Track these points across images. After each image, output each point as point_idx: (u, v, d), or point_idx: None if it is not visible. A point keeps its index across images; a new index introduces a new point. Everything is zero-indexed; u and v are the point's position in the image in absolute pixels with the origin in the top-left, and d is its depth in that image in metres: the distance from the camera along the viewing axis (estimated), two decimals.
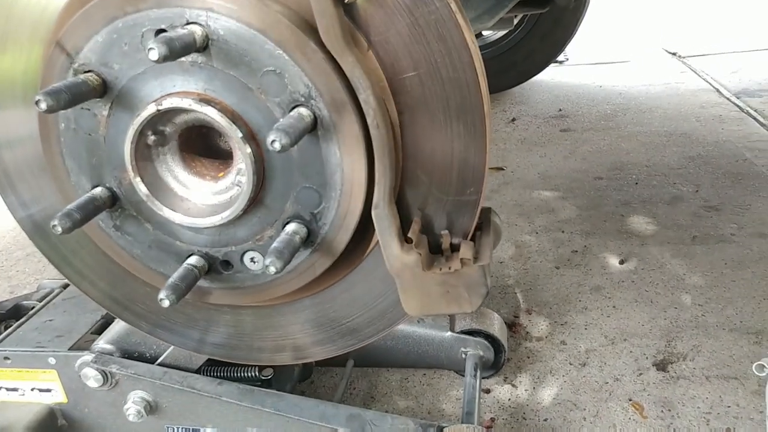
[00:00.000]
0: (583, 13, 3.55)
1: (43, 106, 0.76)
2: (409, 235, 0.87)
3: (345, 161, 0.83)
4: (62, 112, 0.85)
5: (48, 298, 1.54)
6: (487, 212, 0.98)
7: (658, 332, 1.76)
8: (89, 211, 0.88)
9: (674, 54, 4.71)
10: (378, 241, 0.88)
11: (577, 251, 2.19)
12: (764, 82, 3.83)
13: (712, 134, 3.12)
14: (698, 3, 6.68)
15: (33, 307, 1.52)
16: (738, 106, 3.49)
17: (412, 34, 0.81)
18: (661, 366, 1.64)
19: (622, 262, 2.09)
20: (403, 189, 0.89)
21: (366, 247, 0.94)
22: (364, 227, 0.89)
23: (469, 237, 0.92)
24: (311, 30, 0.79)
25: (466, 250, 0.89)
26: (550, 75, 4.15)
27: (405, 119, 0.85)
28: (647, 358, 1.67)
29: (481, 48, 3.69)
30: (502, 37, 3.65)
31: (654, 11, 6.43)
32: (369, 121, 0.81)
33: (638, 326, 1.79)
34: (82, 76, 0.83)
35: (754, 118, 3.28)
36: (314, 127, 0.82)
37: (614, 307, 1.88)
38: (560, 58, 4.30)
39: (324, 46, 0.79)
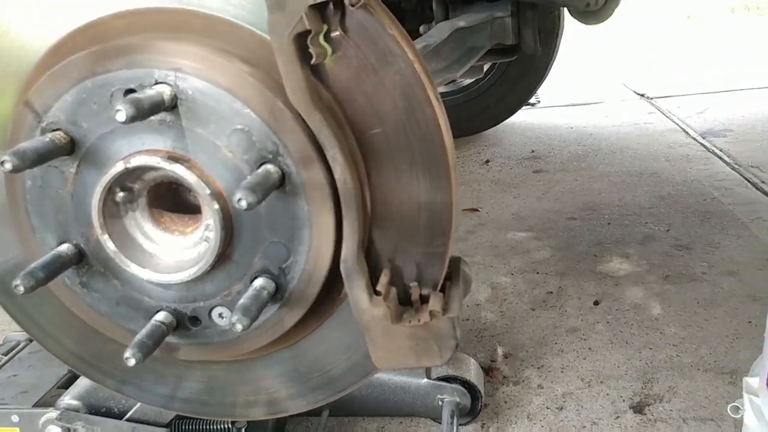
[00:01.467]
0: (553, 57, 3.68)
1: (9, 166, 0.76)
2: (378, 287, 0.87)
3: (313, 216, 0.85)
4: (29, 170, 0.85)
5: (13, 352, 1.51)
6: (456, 262, 0.99)
7: (634, 373, 1.77)
8: (54, 268, 0.88)
9: (642, 95, 4.88)
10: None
11: (552, 292, 2.21)
12: (728, 122, 3.98)
13: (681, 173, 3.21)
14: (664, 46, 6.98)
15: None
16: (704, 145, 3.61)
17: (378, 93, 0.83)
18: (638, 408, 1.64)
19: (596, 303, 2.11)
20: (372, 241, 0.90)
21: (335, 300, 0.94)
22: (333, 280, 0.89)
23: (438, 288, 0.92)
24: (279, 89, 0.81)
25: (435, 302, 0.89)
26: (522, 117, 4.26)
27: (372, 174, 0.87)
28: (624, 400, 1.67)
29: (454, 93, 3.78)
30: (475, 81, 3.75)
31: (622, 54, 6.68)
32: (336, 176, 0.83)
33: (614, 368, 1.80)
34: (49, 135, 0.83)
35: (720, 158, 3.39)
36: (282, 183, 0.83)
37: (590, 348, 1.89)
38: (532, 100, 4.42)
39: (291, 105, 0.80)
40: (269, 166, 0.82)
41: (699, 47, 6.82)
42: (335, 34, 0.79)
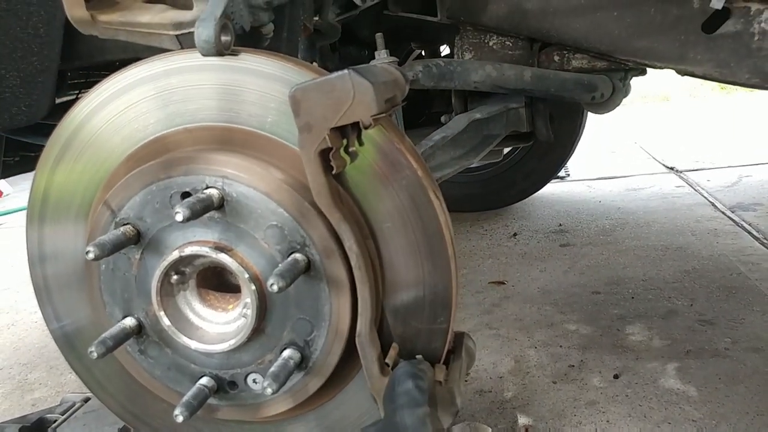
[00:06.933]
0: (579, 133, 3.84)
1: (92, 256, 0.96)
2: (387, 360, 1.01)
3: (333, 297, 1.00)
4: None
5: (69, 412, 1.67)
6: (460, 337, 1.12)
7: None
8: (120, 338, 1.05)
9: (671, 168, 4.95)
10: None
11: (573, 366, 2.26)
12: (758, 197, 4.00)
13: (707, 248, 3.24)
14: (695, 119, 7.07)
15: (56, 421, 1.65)
16: (733, 220, 3.63)
17: (388, 194, 1.00)
18: None
19: (616, 377, 2.15)
20: (383, 319, 1.04)
21: (352, 369, 1.08)
22: (350, 352, 1.03)
23: (441, 360, 1.05)
24: (306, 191, 0.99)
25: (438, 373, 1.02)
26: (551, 190, 4.39)
27: (383, 261, 1.03)
28: None
29: (482, 168, 3.96)
30: (503, 157, 3.92)
31: (652, 127, 6.80)
32: (353, 264, 0.99)
33: None
34: (122, 228, 1.03)
35: (749, 232, 3.41)
36: (308, 269, 1.00)
37: (608, 421, 1.93)
38: (561, 173, 4.56)
39: (316, 205, 0.98)
40: (297, 255, 0.99)
41: (731, 120, 6.89)
42: (353, 148, 0.97)
